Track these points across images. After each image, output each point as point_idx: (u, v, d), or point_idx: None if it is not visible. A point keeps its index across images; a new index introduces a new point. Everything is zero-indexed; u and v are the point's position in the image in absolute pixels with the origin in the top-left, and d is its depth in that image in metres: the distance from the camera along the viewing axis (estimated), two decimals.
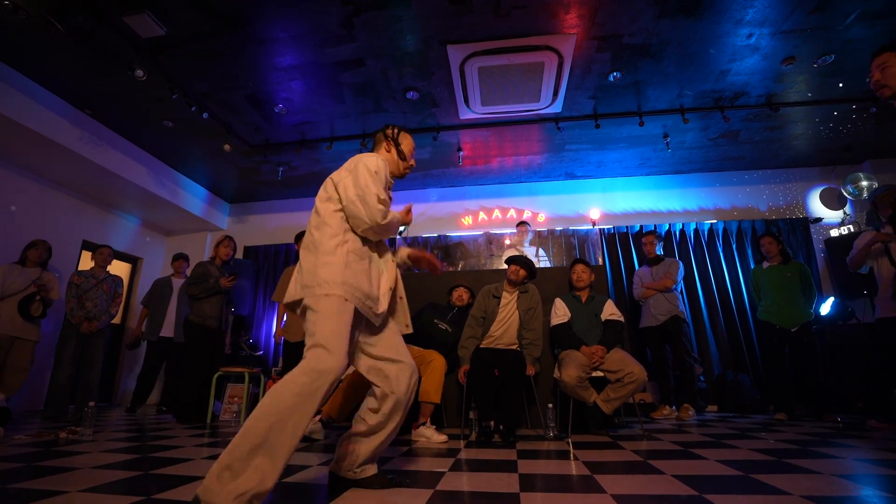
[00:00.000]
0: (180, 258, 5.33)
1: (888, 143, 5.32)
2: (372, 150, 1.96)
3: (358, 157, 1.74)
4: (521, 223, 5.38)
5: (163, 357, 5.04)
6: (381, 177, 1.70)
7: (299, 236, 4.41)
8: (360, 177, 1.66)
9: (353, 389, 2.99)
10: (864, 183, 5.29)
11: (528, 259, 3.49)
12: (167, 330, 4.99)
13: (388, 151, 1.93)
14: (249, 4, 3.32)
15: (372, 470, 1.74)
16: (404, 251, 2.03)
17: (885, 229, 3.38)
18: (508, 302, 3.40)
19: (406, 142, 1.96)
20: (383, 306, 1.69)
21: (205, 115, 4.55)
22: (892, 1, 3.31)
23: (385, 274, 1.76)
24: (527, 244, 5.25)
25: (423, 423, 3.00)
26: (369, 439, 1.71)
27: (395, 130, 1.95)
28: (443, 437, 2.90)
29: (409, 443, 2.82)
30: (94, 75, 4.08)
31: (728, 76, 4.19)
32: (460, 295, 3.70)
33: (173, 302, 5.09)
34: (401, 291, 1.89)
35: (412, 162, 1.99)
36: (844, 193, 5.51)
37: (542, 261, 5.50)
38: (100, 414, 4.66)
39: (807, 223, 5.69)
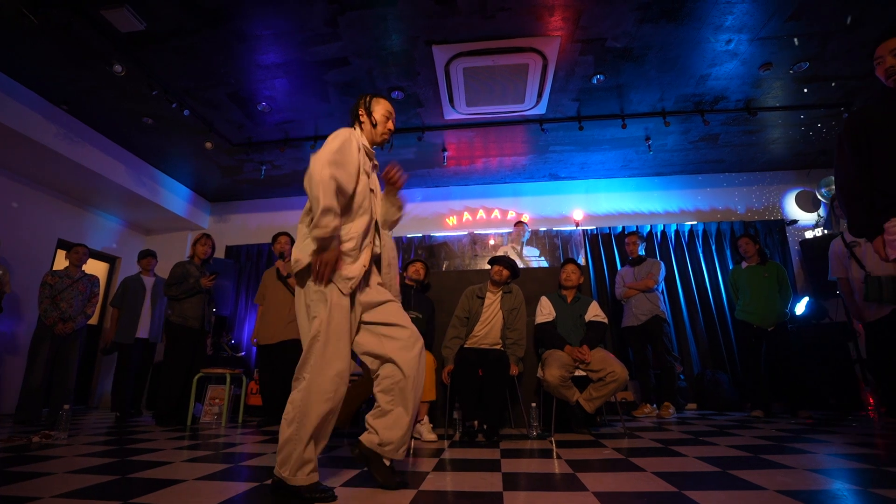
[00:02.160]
0: (149, 255, 4.86)
1: None
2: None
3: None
4: (519, 223, 5.39)
5: (138, 360, 4.65)
6: (343, 148, 1.71)
7: (274, 238, 4.37)
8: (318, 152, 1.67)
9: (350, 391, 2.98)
10: None
11: (510, 259, 3.51)
12: (142, 331, 4.61)
13: (364, 121, 1.92)
14: (232, 0, 3.28)
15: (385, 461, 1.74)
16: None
17: (844, 231, 3.41)
18: (492, 302, 3.42)
19: (378, 107, 1.94)
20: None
21: (186, 113, 4.48)
22: (863, 12, 3.42)
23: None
24: (524, 244, 5.25)
25: (420, 421, 3.02)
26: (381, 419, 1.73)
27: (368, 98, 1.95)
28: (432, 437, 2.93)
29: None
30: (70, 70, 3.97)
31: (708, 80, 4.27)
32: (416, 269, 3.66)
33: (147, 302, 4.71)
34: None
35: (390, 125, 1.96)
36: (819, 196, 5.66)
37: (532, 261, 5.51)
38: (75, 417, 4.54)
39: (783, 225, 5.84)
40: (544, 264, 5.43)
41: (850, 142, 2.19)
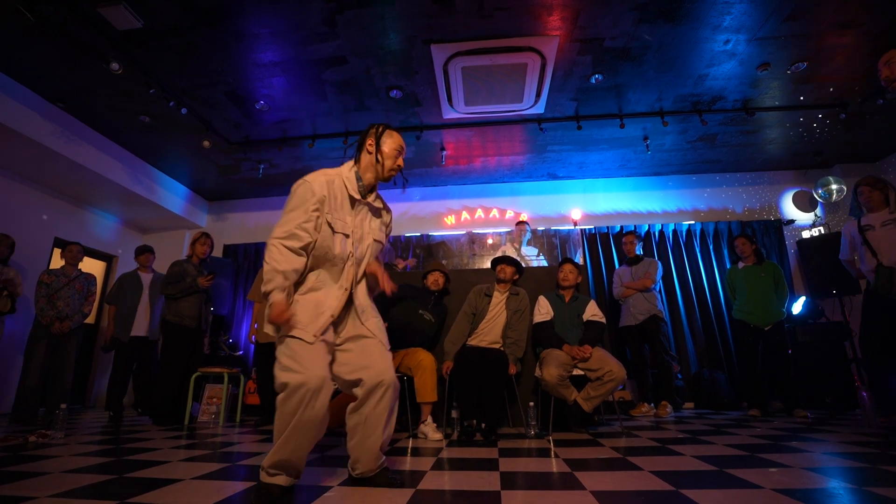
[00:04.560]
0: (147, 251, 4.74)
1: (857, 149, 5.51)
2: (354, 153, 1.91)
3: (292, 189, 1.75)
4: (520, 222, 5.39)
5: (134, 357, 4.50)
6: (300, 202, 1.69)
7: None
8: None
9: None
10: (834, 187, 5.48)
11: (512, 257, 3.53)
12: (139, 329, 4.46)
13: (370, 153, 1.84)
14: None
15: (373, 469, 1.75)
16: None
17: (866, 217, 3.34)
18: (499, 302, 3.44)
19: (389, 140, 1.86)
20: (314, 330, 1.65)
21: (183, 111, 4.46)
22: (861, 11, 3.43)
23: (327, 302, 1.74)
24: (525, 244, 5.26)
25: (424, 422, 3.04)
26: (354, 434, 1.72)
27: (381, 129, 1.85)
28: (438, 436, 2.94)
29: (392, 442, 2.81)
30: (67, 68, 3.95)
31: (706, 81, 4.28)
32: (436, 279, 3.66)
33: (144, 299, 4.57)
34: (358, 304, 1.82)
35: (400, 162, 1.87)
36: (816, 196, 5.69)
37: (532, 260, 5.50)
38: (72, 416, 4.53)
39: (780, 225, 5.86)
40: (543, 263, 5.43)
41: None
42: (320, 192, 1.72)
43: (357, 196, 1.80)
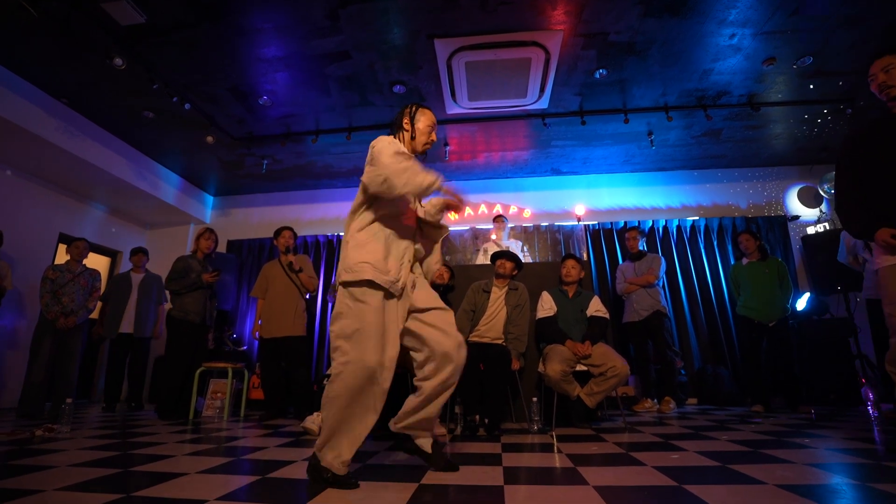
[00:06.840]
0: (139, 252, 5.08)
1: None
2: (389, 133, 2.01)
3: (371, 144, 1.81)
4: (497, 217, 5.37)
5: (125, 353, 4.87)
6: (395, 146, 1.78)
7: (277, 232, 4.33)
8: (372, 155, 1.76)
9: None
10: None
11: (512, 252, 3.53)
12: (126, 326, 4.79)
13: (407, 130, 1.97)
14: None
15: (428, 444, 1.87)
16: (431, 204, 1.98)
17: None
18: (497, 297, 3.44)
19: (423, 118, 2.00)
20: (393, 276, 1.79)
21: (187, 107, 4.46)
22: (868, 6, 3.40)
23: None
24: (505, 238, 5.27)
25: None
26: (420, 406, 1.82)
27: (414, 108, 2.00)
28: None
29: (395, 436, 2.82)
30: (70, 63, 3.96)
31: (711, 75, 4.25)
32: (441, 273, 3.69)
33: (133, 298, 4.89)
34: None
35: (433, 137, 2.02)
36: (821, 192, 5.65)
37: (522, 255, 5.51)
38: (78, 411, 4.56)
39: (785, 221, 5.83)
40: (530, 259, 5.42)
41: (846, 161, 2.52)
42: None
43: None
